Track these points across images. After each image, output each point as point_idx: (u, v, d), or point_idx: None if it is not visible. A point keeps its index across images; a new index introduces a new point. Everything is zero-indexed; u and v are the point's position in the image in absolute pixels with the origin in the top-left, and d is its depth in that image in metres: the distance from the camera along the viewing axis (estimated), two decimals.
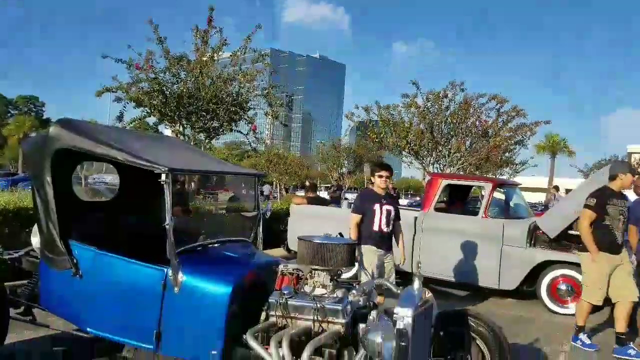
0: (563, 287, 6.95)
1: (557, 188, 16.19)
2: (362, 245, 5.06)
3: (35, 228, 3.95)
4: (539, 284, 7.10)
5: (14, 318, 3.92)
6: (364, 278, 4.66)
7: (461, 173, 12.95)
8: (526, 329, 5.91)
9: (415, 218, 7.86)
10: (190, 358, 3.55)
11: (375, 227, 5.14)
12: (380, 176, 5.22)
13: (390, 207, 5.27)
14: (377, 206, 5.16)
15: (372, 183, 5.49)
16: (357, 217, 5.14)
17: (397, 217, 5.42)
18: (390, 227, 5.27)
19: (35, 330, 4.36)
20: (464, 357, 3.61)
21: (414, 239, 7.76)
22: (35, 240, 3.96)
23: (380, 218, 5.15)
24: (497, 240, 7.27)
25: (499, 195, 8.37)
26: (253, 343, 3.05)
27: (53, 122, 3.98)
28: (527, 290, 7.47)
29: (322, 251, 3.29)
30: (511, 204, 8.39)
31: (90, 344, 3.82)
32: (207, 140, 10.85)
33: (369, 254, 5.07)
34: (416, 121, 13.19)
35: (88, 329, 3.59)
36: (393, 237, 5.42)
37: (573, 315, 6.76)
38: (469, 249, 7.39)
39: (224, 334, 3.22)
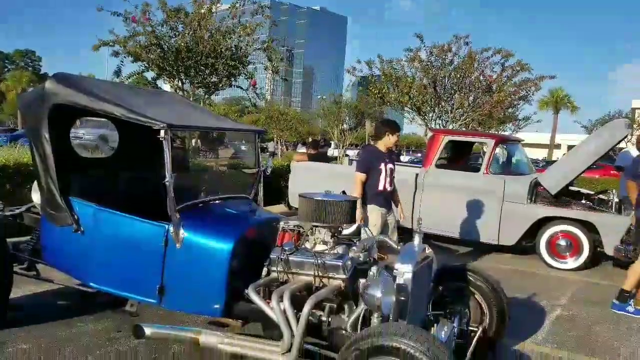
0: (562, 242, 7.00)
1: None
2: (368, 205, 5.05)
3: (35, 184, 3.94)
4: (538, 240, 7.16)
5: (18, 273, 3.96)
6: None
7: (463, 129, 12.83)
8: (524, 284, 6.00)
9: (416, 175, 7.84)
10: (193, 312, 3.62)
11: (380, 187, 5.11)
12: (390, 135, 5.15)
13: (392, 166, 5.23)
14: (382, 165, 5.11)
15: (375, 140, 5.43)
16: (362, 176, 5.08)
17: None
18: (392, 185, 5.25)
19: (40, 285, 4.42)
20: (462, 311, 3.66)
21: (414, 196, 7.77)
22: (36, 196, 3.96)
23: (385, 177, 5.12)
24: (498, 196, 7.28)
25: (501, 151, 8.32)
26: (255, 297, 3.09)
27: (49, 77, 3.90)
28: (526, 245, 7.54)
29: (323, 208, 3.29)
30: (513, 160, 8.35)
31: (94, 298, 3.89)
32: (206, 96, 10.72)
33: (375, 213, 5.06)
34: (419, 76, 12.95)
35: (91, 284, 3.64)
36: None
37: (571, 270, 6.88)
38: (470, 206, 7.41)
39: (226, 288, 3.26)
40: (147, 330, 3.18)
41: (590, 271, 6.92)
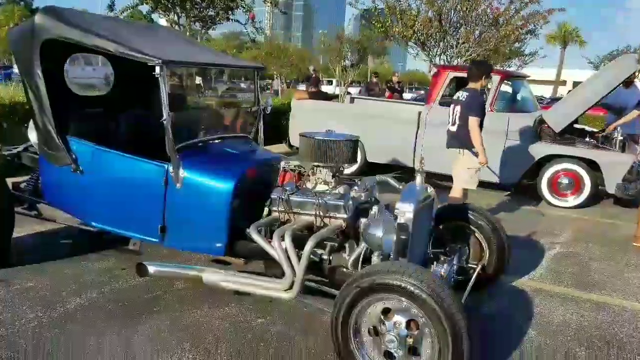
0: (564, 181, 6.99)
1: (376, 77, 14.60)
2: (473, 149, 4.95)
3: (31, 123, 3.87)
4: (540, 178, 7.15)
5: (20, 213, 3.98)
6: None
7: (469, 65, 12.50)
8: (524, 222, 6.04)
9: (419, 113, 7.72)
10: (195, 251, 3.66)
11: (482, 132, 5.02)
12: (487, 77, 5.09)
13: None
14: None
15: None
16: (479, 121, 4.92)
17: None
18: None
19: (43, 225, 4.45)
20: (462, 249, 3.69)
21: (417, 135, 7.69)
22: (33, 135, 3.90)
23: (482, 122, 5.03)
24: (501, 134, 7.19)
25: (506, 88, 8.14)
26: (256, 237, 3.10)
27: (38, 11, 3.74)
28: (527, 184, 7.55)
29: (324, 147, 3.24)
30: (518, 97, 8.18)
31: (97, 237, 3.91)
32: (203, 31, 10.38)
33: (480, 156, 4.96)
34: (424, 9, 12.47)
35: (93, 223, 3.66)
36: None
37: (572, 208, 6.91)
38: None
39: (228, 228, 3.27)
40: (151, 269, 3.23)
41: (591, 209, 6.95)
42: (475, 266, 3.60)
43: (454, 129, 5.16)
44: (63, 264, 3.97)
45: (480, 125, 4.96)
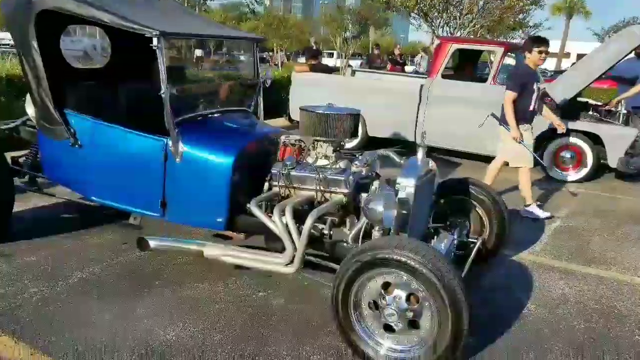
0: (567, 155, 6.95)
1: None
2: (520, 125, 4.96)
3: (28, 97, 3.82)
4: (542, 152, 7.10)
5: (20, 188, 3.97)
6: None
7: (471, 37, 12.33)
8: None
9: (421, 86, 7.63)
10: (196, 225, 3.65)
11: (531, 107, 5.04)
12: (541, 52, 4.94)
13: (539, 85, 5.14)
14: (535, 86, 5.01)
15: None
16: (514, 95, 4.91)
17: None
18: (539, 106, 5.20)
19: (43, 199, 4.45)
20: (462, 223, 3.69)
21: (418, 108, 7.62)
22: (30, 109, 3.86)
23: (536, 98, 5.01)
24: None
25: (510, 60, 8.02)
26: (257, 212, 3.09)
27: None
28: None
29: (325, 121, 3.20)
30: None
31: (98, 212, 3.91)
32: (202, 2, 10.20)
33: (527, 133, 5.03)
34: None
35: (93, 198, 3.65)
36: None
37: (573, 182, 6.89)
38: (475, 117, 7.24)
39: (228, 202, 3.26)
40: (152, 243, 3.23)
41: (592, 183, 6.93)
42: (475, 241, 3.60)
43: None
44: (64, 239, 3.98)
45: (527, 101, 4.94)
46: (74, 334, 2.75)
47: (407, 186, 2.90)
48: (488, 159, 7.54)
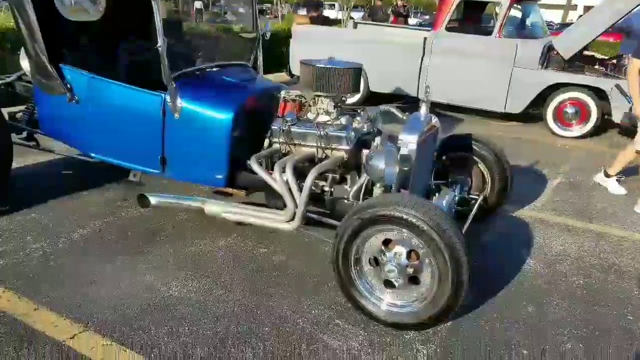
0: (570, 110, 6.85)
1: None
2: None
3: (22, 51, 3.73)
4: (546, 107, 7.01)
5: (18, 143, 3.93)
6: None
7: None
8: (528, 152, 5.99)
9: (425, 39, 7.45)
10: (196, 182, 3.64)
11: None
12: None
13: None
14: None
15: None
16: None
17: None
18: None
19: (43, 155, 4.41)
20: (464, 179, 3.67)
21: (422, 62, 7.47)
22: (25, 63, 3.77)
23: None
24: (509, 61, 6.98)
25: (516, 12, 7.80)
26: (257, 168, 3.07)
27: None
28: (532, 113, 7.42)
29: (326, 76, 3.12)
30: (527, 22, 7.86)
31: (98, 168, 3.89)
32: None
33: None
34: None
35: (92, 154, 3.62)
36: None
37: (577, 138, 6.83)
38: (479, 72, 7.14)
39: (228, 159, 3.23)
40: (152, 200, 3.21)
41: (596, 139, 6.87)
42: (477, 197, 3.59)
43: None
44: (65, 195, 3.97)
45: None
46: (77, 289, 2.77)
47: (409, 143, 2.85)
48: (491, 115, 7.48)
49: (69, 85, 3.49)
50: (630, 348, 2.53)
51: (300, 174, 2.97)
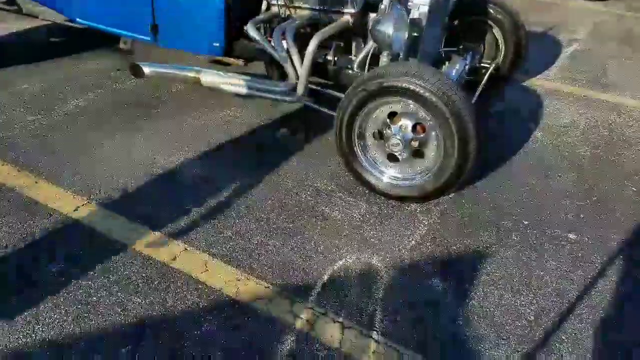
0: None
1: None
2: None
3: None
4: None
5: None
6: None
7: None
8: (544, 16, 5.61)
9: None
10: (191, 50, 3.43)
11: None
12: None
13: None
14: None
15: None
16: None
17: None
18: None
19: (29, 21, 4.13)
20: (477, 47, 3.45)
21: None
22: None
23: None
24: None
25: None
26: (255, 35, 2.86)
27: None
28: None
29: None
30: None
31: (85, 36, 3.66)
32: None
33: None
34: None
35: (78, 19, 3.37)
36: None
37: (596, 0, 6.36)
38: None
39: (224, 25, 3.00)
40: (146, 70, 3.04)
41: (616, 2, 6.40)
42: (488, 66, 3.40)
43: None
44: (55, 65, 3.79)
45: None
46: (76, 161, 2.73)
47: (420, 4, 2.62)
48: None
49: None
50: (633, 218, 2.53)
51: (302, 42, 2.77)
